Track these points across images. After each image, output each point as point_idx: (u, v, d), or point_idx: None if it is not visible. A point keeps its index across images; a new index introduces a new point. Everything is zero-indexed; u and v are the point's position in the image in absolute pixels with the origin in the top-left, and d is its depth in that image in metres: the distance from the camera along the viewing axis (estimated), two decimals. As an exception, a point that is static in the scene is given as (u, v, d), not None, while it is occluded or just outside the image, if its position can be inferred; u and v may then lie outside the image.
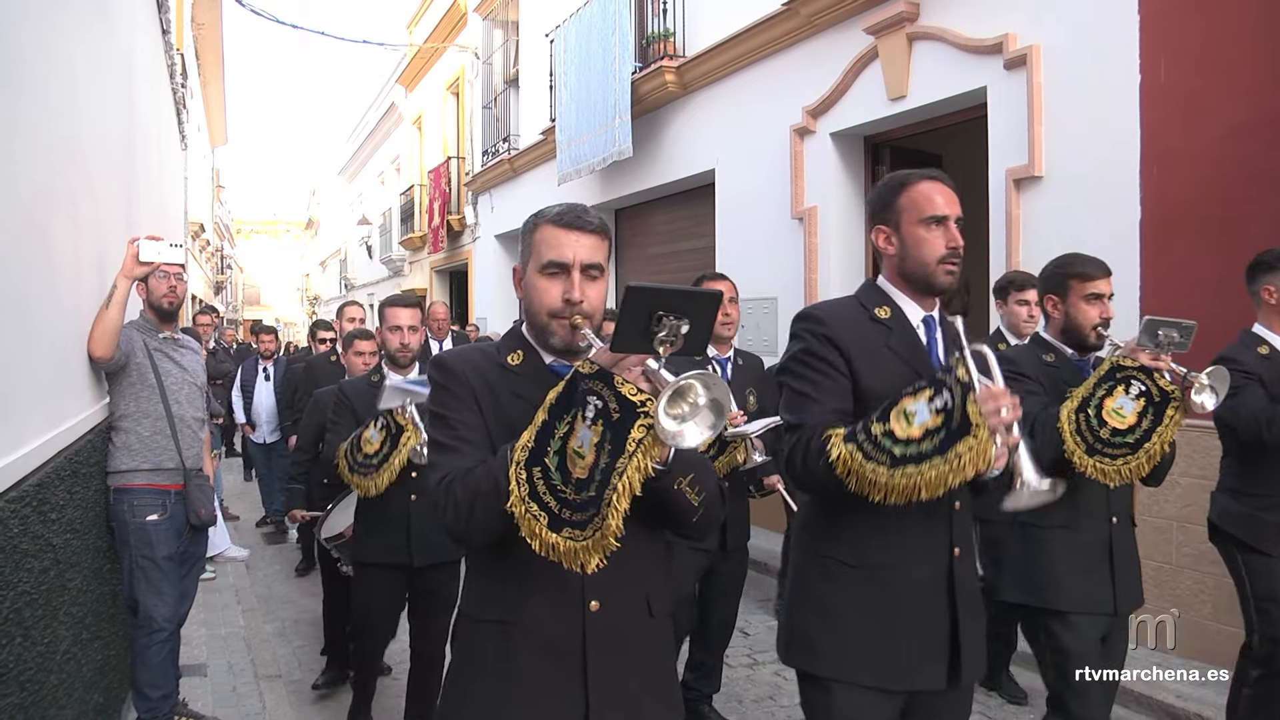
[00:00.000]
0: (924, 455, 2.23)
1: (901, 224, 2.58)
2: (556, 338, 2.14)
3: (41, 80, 3.44)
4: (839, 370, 2.50)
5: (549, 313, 2.13)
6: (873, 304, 2.62)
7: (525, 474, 1.89)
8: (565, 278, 2.11)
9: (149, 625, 4.39)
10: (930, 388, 2.29)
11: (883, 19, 7.50)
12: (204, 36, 18.33)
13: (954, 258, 2.55)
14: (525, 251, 2.22)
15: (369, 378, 4.65)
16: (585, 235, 2.13)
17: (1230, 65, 5.30)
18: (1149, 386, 3.19)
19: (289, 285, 58.36)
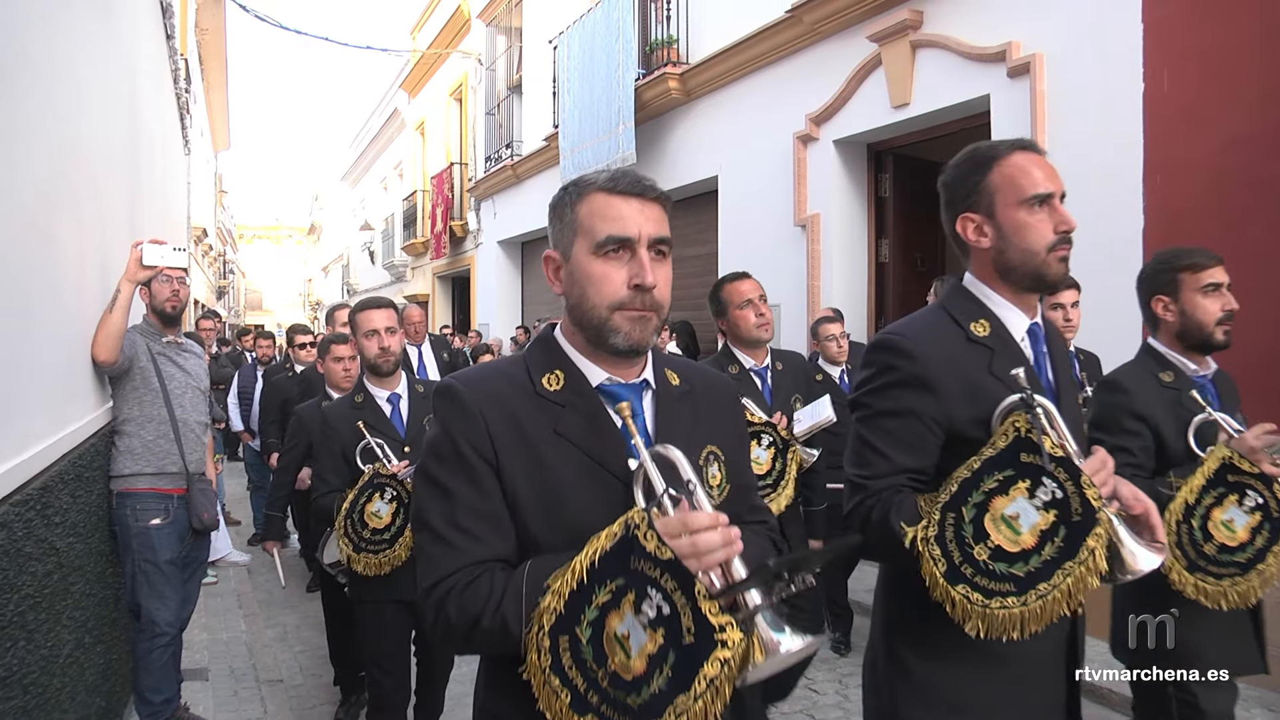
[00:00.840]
0: (1051, 565, 1.81)
1: (997, 208, 2.16)
2: (621, 336, 1.67)
3: (46, 84, 3.45)
4: (925, 421, 2.06)
5: (612, 305, 1.67)
6: (967, 317, 2.18)
7: (549, 642, 1.51)
8: (630, 258, 1.68)
9: (151, 629, 4.39)
10: (1022, 477, 1.86)
11: (886, 26, 7.51)
12: (207, 42, 18.37)
13: (1066, 243, 2.14)
14: (565, 231, 1.75)
15: (351, 398, 4.15)
16: (649, 204, 1.72)
17: (1233, 75, 5.31)
18: (1267, 499, 2.66)
19: (291, 290, 58.38)
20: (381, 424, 4.01)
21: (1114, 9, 5.87)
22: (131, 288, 4.22)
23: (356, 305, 4.15)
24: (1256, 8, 5.22)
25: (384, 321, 4.04)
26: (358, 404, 4.07)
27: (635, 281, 1.67)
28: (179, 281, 4.64)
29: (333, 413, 4.12)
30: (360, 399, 4.08)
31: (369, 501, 3.74)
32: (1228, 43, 5.33)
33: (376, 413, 4.03)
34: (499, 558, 1.65)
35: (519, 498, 1.66)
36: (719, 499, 1.77)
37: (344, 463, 3.96)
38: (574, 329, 1.76)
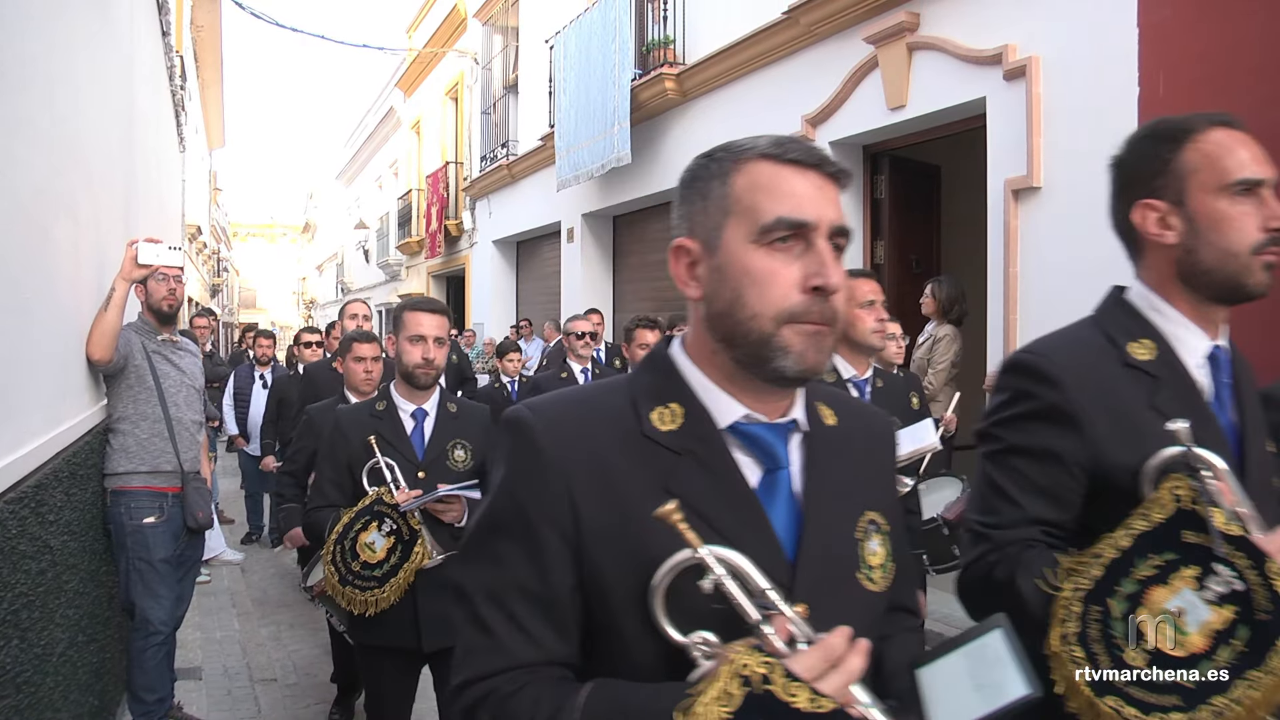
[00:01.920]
0: (1233, 674, 1.39)
1: (1189, 194, 1.73)
2: (791, 360, 1.22)
3: (45, 82, 3.45)
4: (1063, 462, 1.69)
5: (780, 315, 1.21)
6: (1125, 335, 1.79)
7: None
8: (804, 250, 1.23)
9: (145, 628, 4.39)
10: (1187, 563, 1.47)
11: (883, 29, 7.51)
12: (203, 39, 18.34)
13: (1277, 244, 1.70)
14: (710, 211, 1.30)
15: (372, 405, 3.61)
16: (828, 182, 1.28)
17: (1228, 79, 5.32)
18: None
19: (285, 289, 58.32)
20: (399, 441, 3.48)
21: (1110, 13, 5.87)
22: (126, 286, 4.22)
23: (406, 303, 3.65)
24: (1252, 12, 5.23)
25: (434, 329, 3.51)
26: (378, 413, 3.54)
27: (814, 283, 1.21)
28: (175, 280, 4.64)
29: (347, 418, 3.59)
30: (382, 407, 3.55)
31: (364, 530, 3.29)
32: (1223, 47, 5.35)
33: (396, 427, 3.51)
34: (555, 661, 1.25)
35: (604, 581, 1.22)
36: (881, 585, 1.35)
37: (348, 477, 3.48)
38: (713, 346, 1.29)
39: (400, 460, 3.43)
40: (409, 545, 3.25)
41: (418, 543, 3.25)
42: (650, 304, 12.27)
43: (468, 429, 3.60)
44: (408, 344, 3.49)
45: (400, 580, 3.24)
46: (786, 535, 1.26)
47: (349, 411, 3.66)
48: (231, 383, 10.07)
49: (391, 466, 3.38)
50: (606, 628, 1.24)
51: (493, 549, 1.27)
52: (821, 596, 1.23)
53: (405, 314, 3.55)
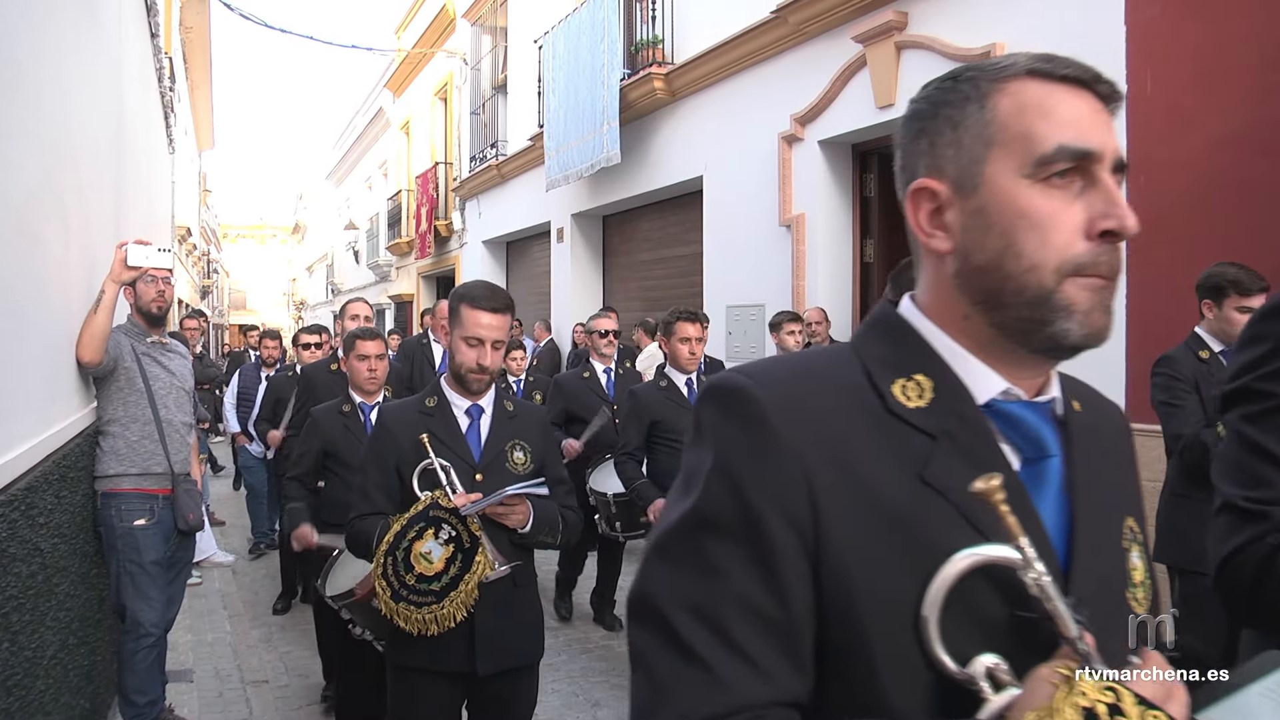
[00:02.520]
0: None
1: None
2: (1076, 321, 1.01)
3: (34, 83, 3.44)
4: None
5: (1064, 266, 0.99)
6: None
7: None
8: (1085, 188, 1.01)
9: (136, 630, 4.38)
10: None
11: (871, 27, 7.53)
12: (191, 40, 18.29)
13: None
14: (965, 142, 1.04)
15: (421, 401, 3.24)
16: (1105, 108, 1.05)
17: (1216, 77, 5.34)
18: None
19: (275, 290, 58.18)
20: (453, 440, 3.15)
21: (1097, 11, 5.90)
22: (116, 288, 4.21)
23: (464, 294, 3.14)
24: (1239, 9, 5.26)
25: (495, 331, 3.09)
26: (427, 410, 3.20)
27: (1105, 225, 0.99)
28: (164, 282, 4.63)
29: (394, 416, 3.23)
30: (433, 404, 3.21)
31: (419, 538, 2.93)
32: (1210, 44, 5.37)
33: (449, 425, 3.18)
34: (786, 701, 0.96)
35: (850, 593, 0.96)
36: (1144, 607, 1.12)
37: (397, 480, 3.14)
38: (965, 309, 1.06)
39: (455, 461, 3.10)
40: (470, 554, 2.90)
41: (479, 551, 2.90)
42: (640, 304, 12.29)
43: (527, 429, 3.32)
44: (463, 344, 3.11)
45: (463, 594, 2.88)
46: (1056, 539, 1.04)
47: (395, 410, 3.27)
48: (236, 382, 9.71)
49: (447, 468, 3.05)
50: (846, 655, 0.96)
51: (701, 552, 0.98)
52: (1096, 615, 0.97)
53: (463, 309, 3.08)
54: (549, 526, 3.16)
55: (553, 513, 3.22)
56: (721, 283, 9.90)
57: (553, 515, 3.21)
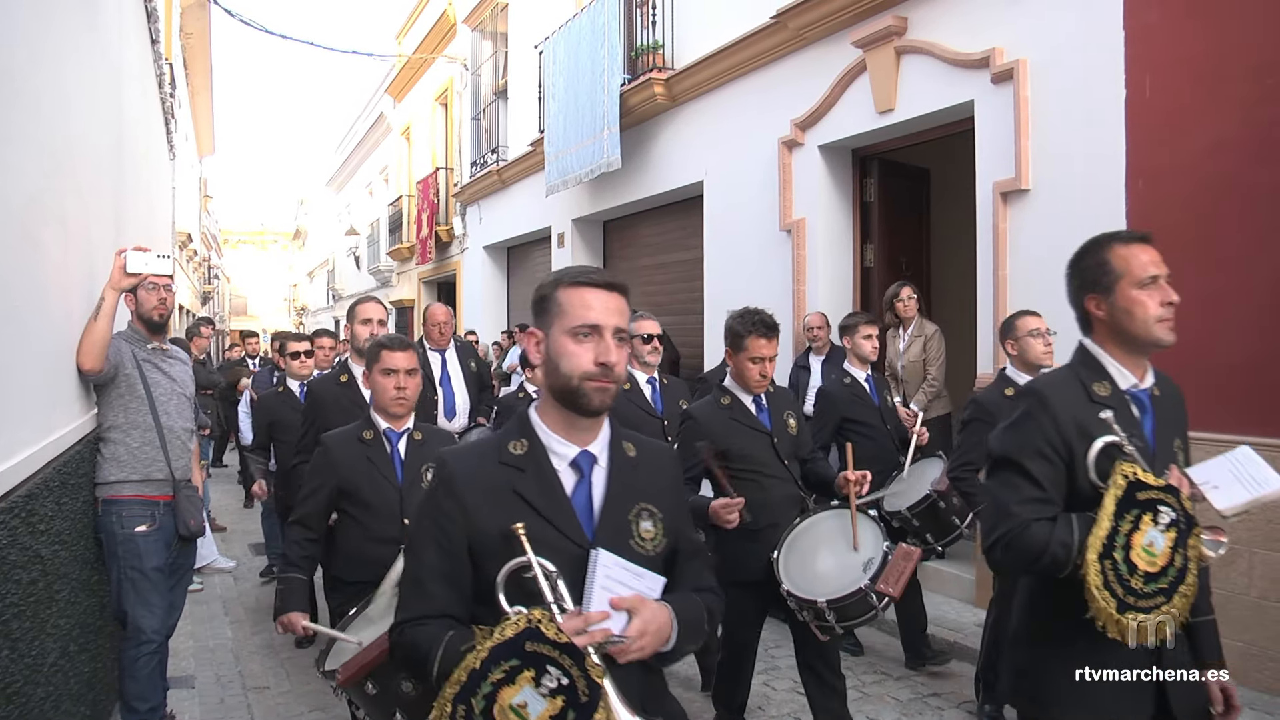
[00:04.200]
0: None
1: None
2: None
3: (34, 89, 3.44)
4: None
5: None
6: None
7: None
8: None
9: (137, 637, 4.37)
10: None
11: (871, 32, 7.54)
12: (192, 46, 18.31)
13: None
14: None
15: (501, 445, 2.15)
16: None
17: (1214, 81, 5.35)
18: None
19: (276, 296, 58.23)
20: (555, 511, 2.06)
21: (1096, 16, 5.91)
22: (116, 295, 4.20)
23: (565, 276, 2.12)
24: (1236, 15, 5.27)
25: (616, 315, 2.07)
26: (514, 459, 2.12)
27: None
28: (165, 289, 4.62)
29: (465, 471, 2.10)
30: (522, 450, 2.12)
31: (509, 683, 1.85)
32: (1209, 49, 5.38)
33: (546, 485, 2.09)
34: None
35: None
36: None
37: (468, 565, 2.07)
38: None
39: (558, 546, 2.03)
40: (587, 711, 1.86)
41: (598, 708, 1.87)
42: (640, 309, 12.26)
43: (655, 483, 2.23)
44: (569, 340, 2.04)
45: None
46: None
47: (464, 460, 2.13)
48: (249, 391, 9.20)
49: (553, 576, 1.97)
50: None
51: None
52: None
53: (561, 293, 2.08)
54: (694, 632, 2.14)
55: (697, 611, 2.17)
56: (722, 288, 9.91)
57: (697, 615, 2.16)
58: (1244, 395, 5.17)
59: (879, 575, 3.72)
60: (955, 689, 5.45)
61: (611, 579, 2.01)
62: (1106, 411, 2.40)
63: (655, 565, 2.12)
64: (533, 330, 2.13)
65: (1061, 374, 2.58)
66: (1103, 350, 2.55)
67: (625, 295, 2.12)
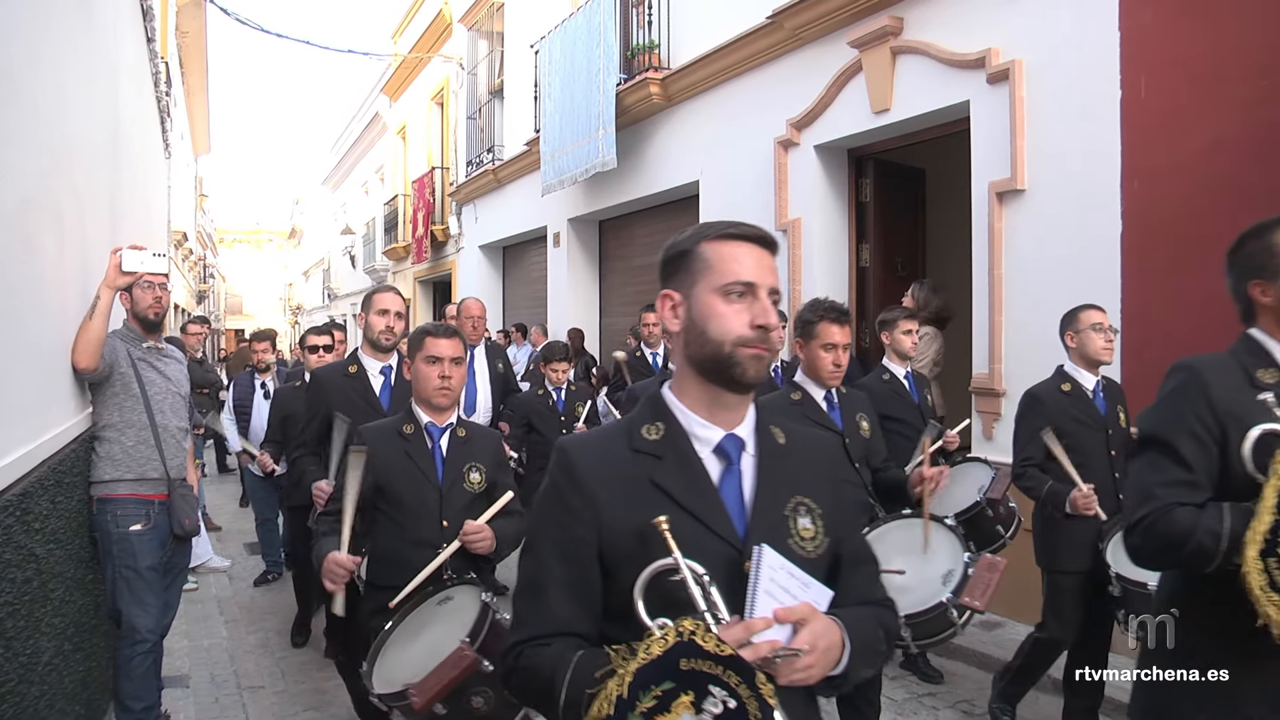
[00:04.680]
0: None
1: None
2: None
3: (30, 88, 3.44)
4: None
5: None
6: None
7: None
8: None
9: (131, 636, 4.36)
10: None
11: (867, 33, 7.55)
12: (188, 45, 18.29)
13: None
14: None
15: (631, 431, 1.85)
16: None
17: (1209, 81, 5.36)
18: None
19: (272, 295, 58.16)
20: (700, 503, 1.75)
21: (1091, 17, 5.92)
22: (111, 294, 4.19)
23: (735, 230, 1.81)
24: (1232, 15, 5.28)
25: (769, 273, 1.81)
26: (646, 443, 1.81)
27: None
28: (160, 288, 4.61)
29: (590, 460, 1.81)
30: (656, 433, 1.82)
31: (663, 711, 1.52)
32: (1204, 49, 5.39)
33: (691, 477, 1.77)
34: None
35: None
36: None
37: (598, 575, 1.76)
38: None
39: (702, 551, 1.67)
40: None
41: None
42: (636, 308, 12.25)
43: (811, 472, 1.90)
44: (718, 300, 1.76)
45: None
46: None
47: (588, 445, 1.84)
48: (231, 393, 8.75)
49: (704, 580, 1.63)
50: None
51: None
52: None
53: (709, 246, 1.80)
54: (869, 654, 1.78)
55: (871, 629, 1.81)
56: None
57: (872, 634, 1.81)
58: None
59: (961, 587, 3.49)
60: (949, 689, 5.46)
61: (776, 584, 1.65)
62: (1266, 393, 2.19)
63: (817, 571, 1.76)
64: (667, 292, 1.85)
65: (1219, 357, 2.37)
66: (1270, 338, 2.35)
67: (775, 253, 1.86)
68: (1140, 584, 3.90)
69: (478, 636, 2.94)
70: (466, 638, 2.92)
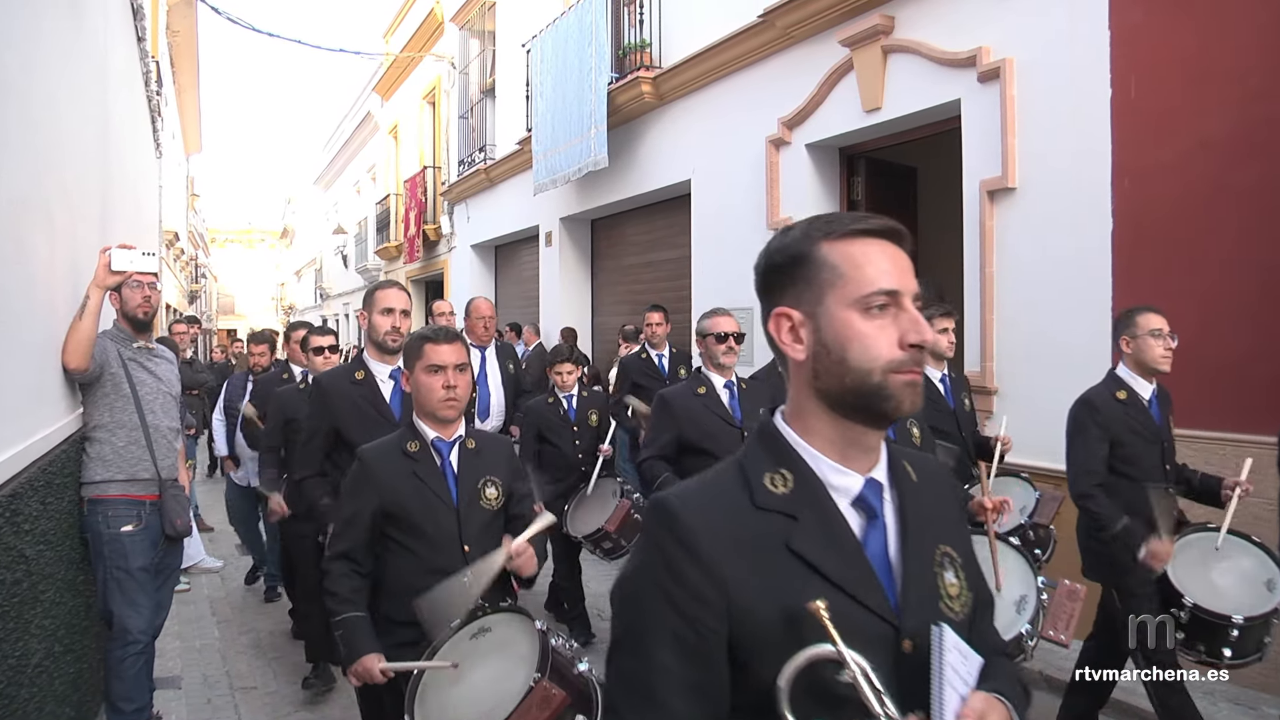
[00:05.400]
0: None
1: None
2: None
3: (20, 89, 3.42)
4: None
5: None
6: None
7: None
8: None
9: (123, 637, 4.35)
10: None
11: (858, 31, 7.56)
12: (178, 44, 18.23)
13: None
14: None
15: (760, 475, 1.43)
16: None
17: (1201, 81, 5.38)
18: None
19: (263, 295, 58.06)
20: (846, 565, 1.37)
21: (1082, 16, 5.94)
22: (101, 294, 4.18)
23: (861, 225, 1.49)
24: (1222, 15, 5.30)
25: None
26: (782, 501, 1.40)
27: None
28: (150, 287, 4.60)
29: (709, 516, 1.38)
30: (784, 485, 1.42)
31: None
32: (1194, 50, 5.41)
33: (832, 532, 1.39)
34: None
35: None
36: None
37: (725, 665, 1.35)
38: None
39: (855, 633, 1.30)
40: None
41: None
42: (629, 307, 12.29)
43: (944, 517, 1.55)
44: (858, 317, 1.43)
45: None
46: None
47: (699, 503, 1.41)
48: (223, 394, 8.35)
49: (870, 675, 1.27)
50: None
51: None
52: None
53: (832, 247, 1.48)
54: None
55: (1016, 690, 1.46)
56: (709, 286, 9.91)
57: (1021, 699, 1.46)
58: (1233, 393, 5.19)
59: (1038, 617, 3.27)
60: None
61: (952, 668, 1.33)
62: None
63: (963, 633, 1.41)
64: (784, 311, 1.51)
65: None
66: None
67: (908, 248, 1.53)
68: (1224, 618, 3.61)
69: (545, 669, 2.64)
70: (536, 673, 2.63)
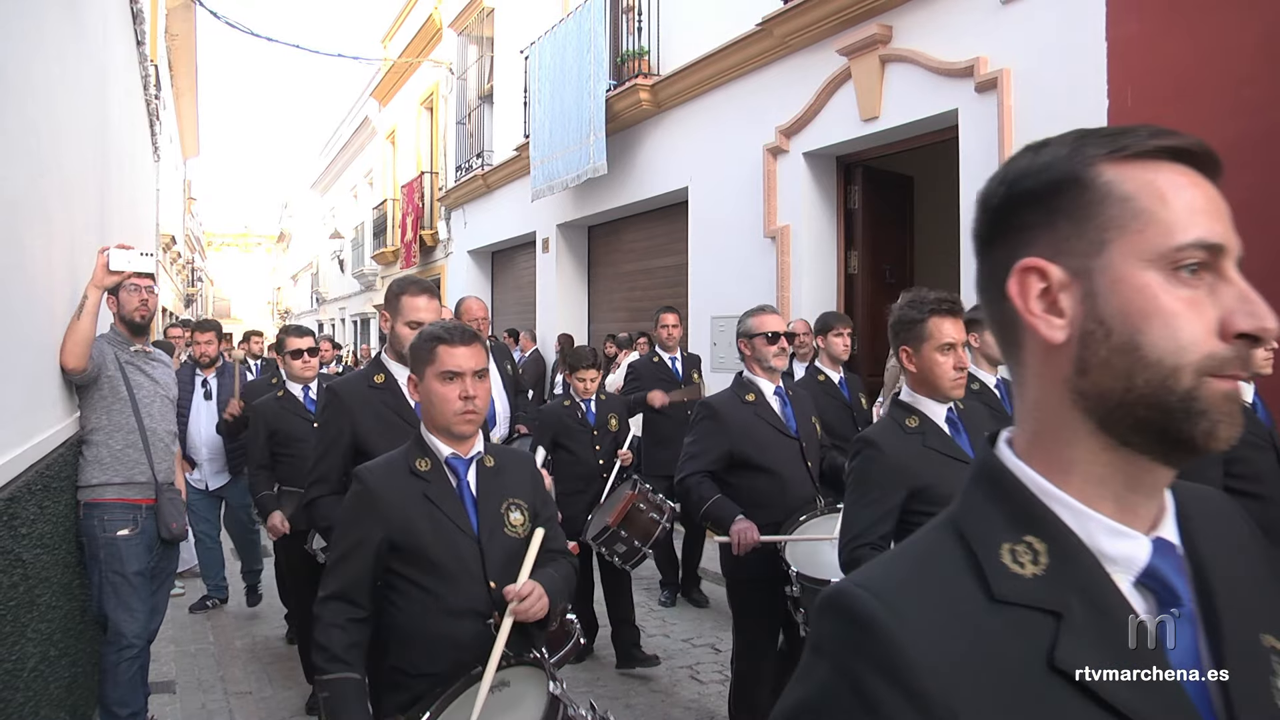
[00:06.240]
0: None
1: None
2: None
3: (19, 92, 3.43)
4: None
5: None
6: None
7: None
8: None
9: (118, 641, 4.34)
10: None
11: (856, 41, 7.58)
12: (177, 48, 18.24)
13: None
14: None
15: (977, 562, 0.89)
16: None
17: (1196, 91, 5.40)
18: None
19: (260, 299, 58.02)
20: (1157, 705, 0.82)
21: (1078, 27, 5.96)
22: (99, 294, 4.18)
23: (1156, 142, 1.01)
24: (1217, 25, 5.32)
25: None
26: (1036, 590, 0.86)
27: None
28: (147, 290, 4.60)
29: (933, 630, 0.83)
30: (1038, 562, 0.88)
31: None
32: (1189, 60, 5.43)
33: (1132, 663, 0.83)
34: None
35: None
36: None
37: None
38: None
39: None
40: None
41: None
42: (625, 314, 12.30)
43: (1252, 572, 1.00)
44: (1161, 286, 0.92)
45: None
46: None
47: (915, 599, 0.86)
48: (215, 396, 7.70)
49: None
50: None
51: None
52: None
53: (1128, 171, 0.99)
54: None
55: None
56: (706, 294, 9.93)
57: None
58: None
59: None
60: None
61: None
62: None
63: None
64: (1034, 263, 0.94)
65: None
66: None
67: None
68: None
69: None
70: None
